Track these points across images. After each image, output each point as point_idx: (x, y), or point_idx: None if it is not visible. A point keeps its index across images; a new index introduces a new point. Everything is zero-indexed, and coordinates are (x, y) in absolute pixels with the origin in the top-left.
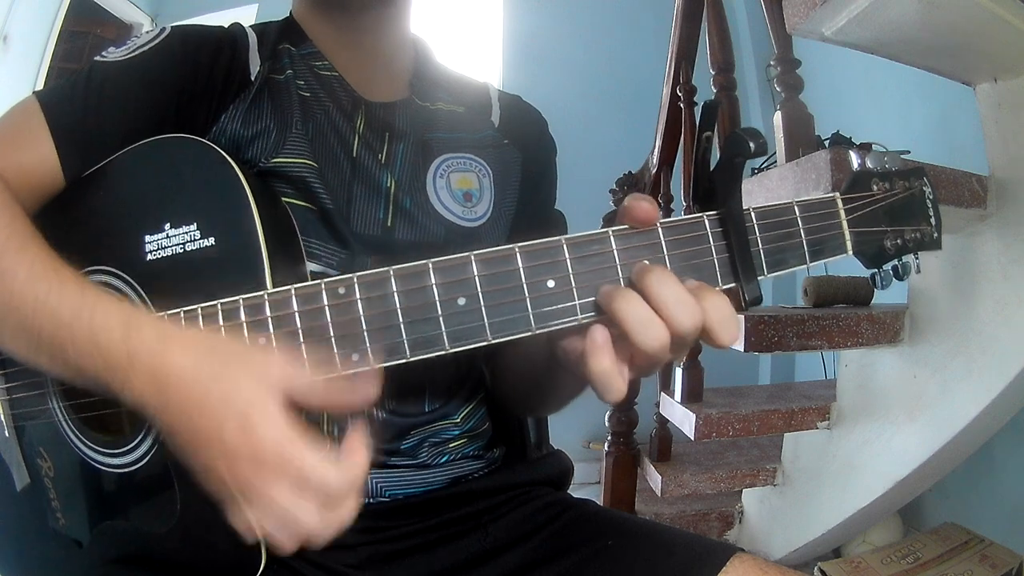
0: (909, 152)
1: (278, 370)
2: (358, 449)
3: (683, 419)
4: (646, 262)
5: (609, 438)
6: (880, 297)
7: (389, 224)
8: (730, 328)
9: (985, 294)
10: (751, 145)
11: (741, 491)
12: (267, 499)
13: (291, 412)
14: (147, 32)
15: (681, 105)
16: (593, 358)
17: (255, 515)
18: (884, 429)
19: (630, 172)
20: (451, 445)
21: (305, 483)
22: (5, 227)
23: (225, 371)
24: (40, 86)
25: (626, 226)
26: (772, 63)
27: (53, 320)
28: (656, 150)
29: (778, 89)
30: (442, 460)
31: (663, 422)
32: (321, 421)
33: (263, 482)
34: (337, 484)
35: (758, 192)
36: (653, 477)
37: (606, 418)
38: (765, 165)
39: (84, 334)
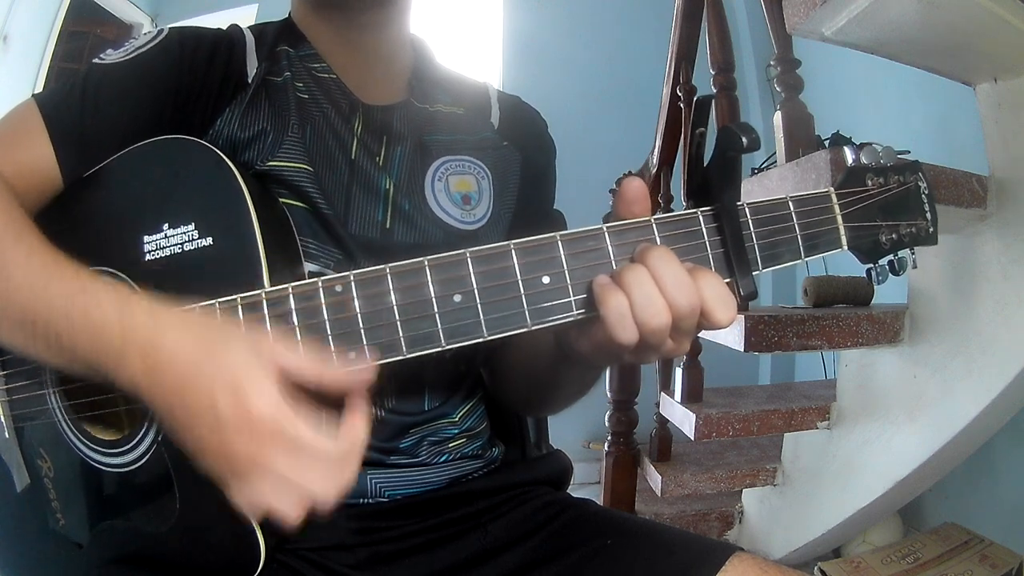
0: (909, 152)
1: (271, 346)
2: (356, 414)
3: (683, 419)
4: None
5: (609, 438)
6: (880, 297)
7: (388, 226)
8: (727, 306)
9: (985, 294)
10: (743, 140)
11: (741, 491)
12: (265, 468)
13: (286, 390)
14: (145, 34)
15: (681, 105)
16: (606, 295)
17: (255, 488)
18: (884, 429)
19: (630, 172)
20: (450, 444)
21: (301, 448)
22: (2, 219)
23: (218, 346)
24: (40, 86)
25: (620, 222)
26: (772, 63)
27: (49, 306)
28: (656, 150)
29: (778, 89)
30: (441, 459)
31: (663, 422)
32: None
33: (259, 450)
34: (332, 445)
35: (758, 192)
36: (653, 477)
37: (606, 418)
38: (765, 165)
39: (79, 318)
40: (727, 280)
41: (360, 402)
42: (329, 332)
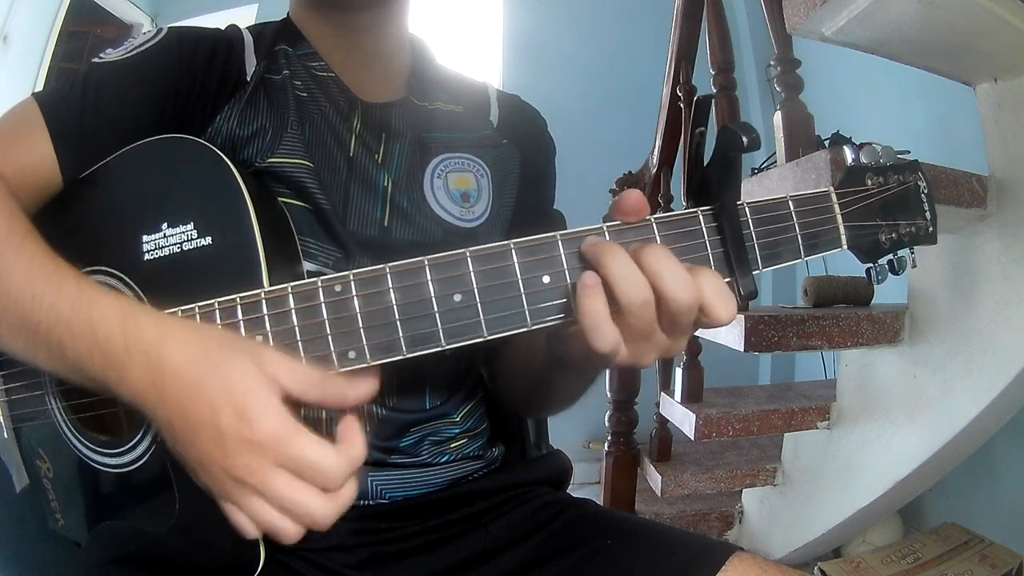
0: (909, 152)
1: (275, 362)
2: (354, 434)
3: (683, 419)
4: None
5: (609, 438)
6: (880, 297)
7: (386, 224)
8: (728, 302)
9: (985, 294)
10: (744, 139)
11: (741, 491)
12: (266, 486)
13: (289, 407)
14: (144, 33)
15: (681, 105)
16: (583, 299)
17: (254, 506)
18: (884, 429)
19: (630, 172)
20: (451, 445)
21: (303, 468)
22: (3, 224)
23: (222, 361)
24: (40, 86)
25: (620, 222)
26: (772, 63)
27: (51, 315)
28: (656, 150)
29: (778, 89)
30: (442, 460)
31: (663, 422)
32: (320, 422)
33: (260, 468)
34: (334, 467)
35: (758, 192)
36: (653, 477)
37: (606, 418)
38: (765, 165)
39: (82, 328)
40: (727, 280)
41: (355, 423)
42: (329, 332)
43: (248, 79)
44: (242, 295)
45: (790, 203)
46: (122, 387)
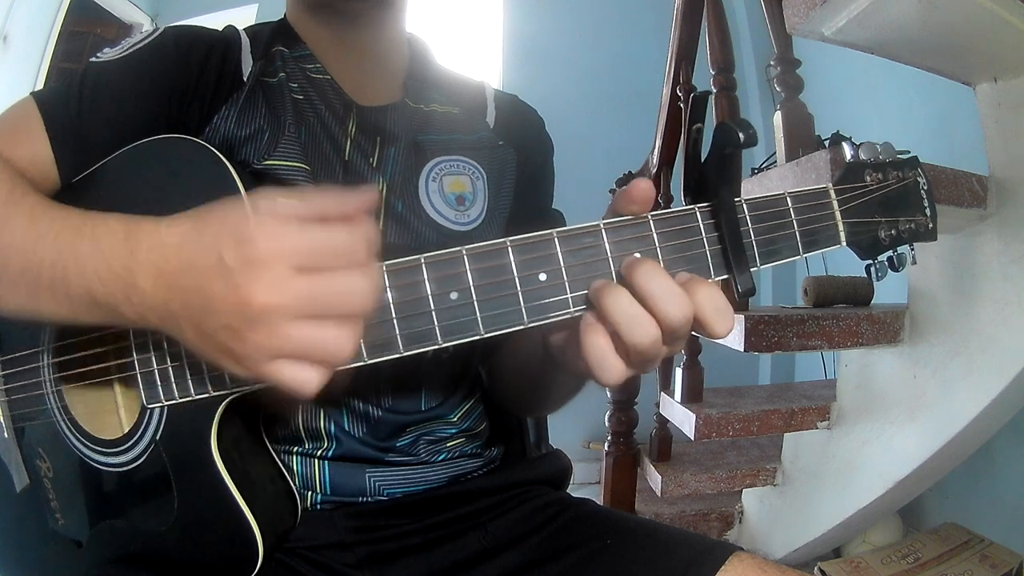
0: (909, 152)
1: (268, 197)
2: (360, 215)
3: (683, 419)
4: (637, 255)
5: (609, 438)
6: (880, 297)
7: (380, 227)
8: (724, 318)
9: (985, 294)
10: (740, 135)
11: (741, 491)
12: (284, 312)
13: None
14: (142, 32)
15: (681, 105)
16: (586, 337)
17: (275, 343)
18: (884, 429)
19: (630, 172)
20: (449, 444)
21: (317, 256)
22: (6, 182)
23: (214, 213)
24: (40, 86)
25: (617, 219)
26: (772, 63)
27: (55, 246)
28: (656, 150)
29: (778, 89)
30: (440, 458)
31: (663, 422)
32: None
33: (272, 292)
34: (348, 240)
35: (758, 191)
36: (653, 477)
37: (606, 418)
38: (765, 165)
39: (87, 247)
40: (724, 276)
41: (359, 201)
42: None
43: (245, 79)
44: None
45: (788, 200)
46: (132, 297)
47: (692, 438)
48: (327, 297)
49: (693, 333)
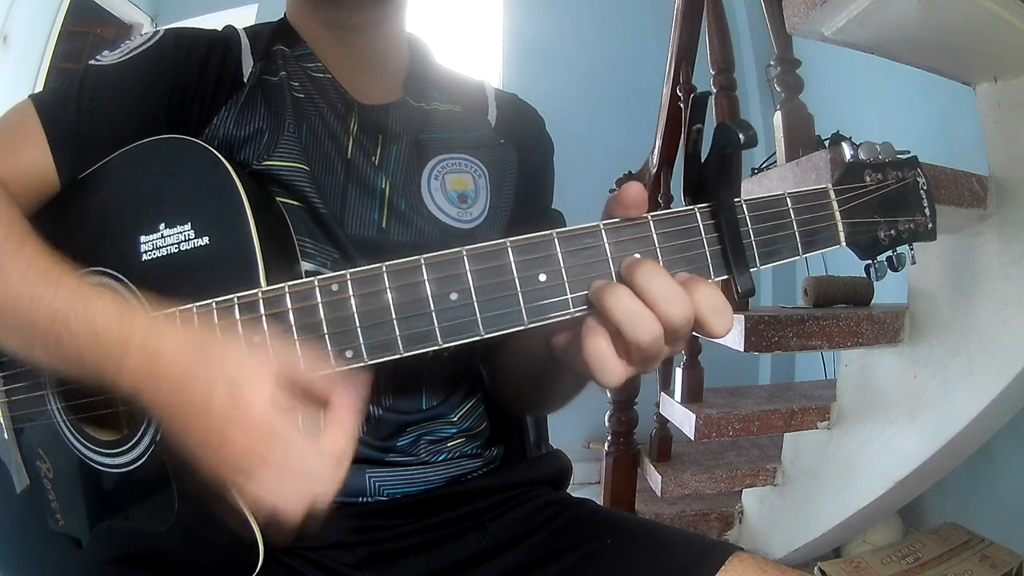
0: (909, 152)
1: (271, 352)
2: (338, 427)
3: (683, 419)
4: (637, 255)
5: (609, 438)
6: (880, 297)
7: (384, 226)
8: (723, 318)
9: (985, 294)
10: (740, 136)
11: (741, 491)
12: (263, 460)
13: (285, 390)
14: (141, 35)
15: (681, 105)
16: (588, 339)
17: (256, 482)
18: (884, 429)
19: (630, 172)
20: (449, 444)
21: (289, 459)
22: (2, 227)
23: (214, 346)
24: (40, 86)
25: (617, 219)
26: (772, 63)
27: (49, 313)
28: (656, 150)
29: (778, 89)
30: (440, 458)
31: (663, 422)
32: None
33: (255, 444)
34: (323, 453)
35: (758, 192)
36: (653, 477)
37: (606, 418)
38: (765, 165)
39: (80, 323)
40: (724, 277)
41: (351, 403)
42: (326, 331)
43: (245, 80)
44: (239, 294)
45: (788, 200)
46: (120, 379)
47: (692, 438)
48: (291, 477)
49: (693, 333)
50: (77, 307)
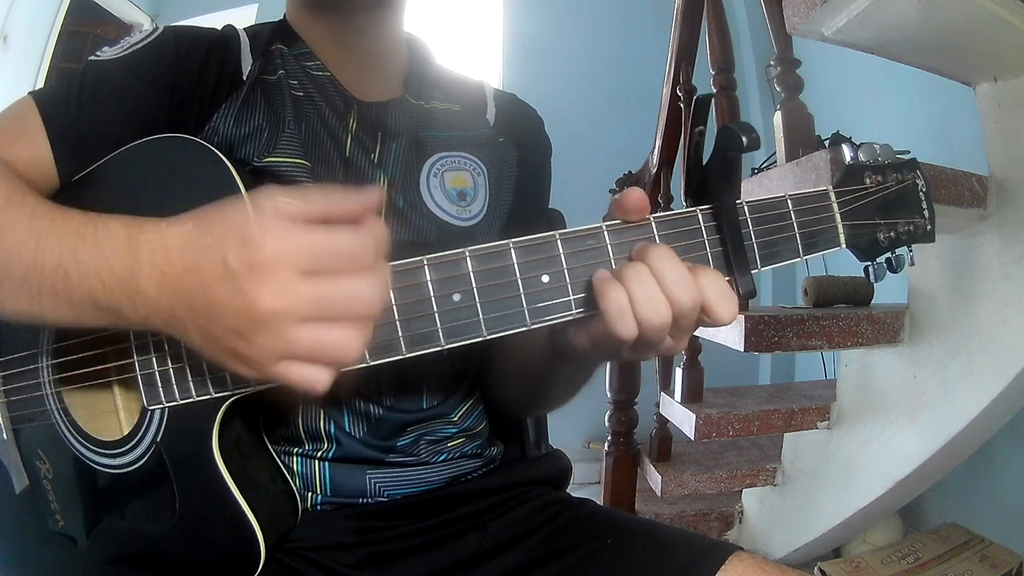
0: (909, 152)
1: (272, 197)
2: (368, 216)
3: (683, 419)
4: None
5: (609, 438)
6: (880, 297)
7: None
8: (729, 304)
9: (985, 294)
10: (743, 139)
11: (741, 491)
12: (290, 315)
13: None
14: (142, 32)
15: (681, 105)
16: (605, 288)
17: (284, 344)
18: (884, 429)
19: (630, 172)
20: (449, 444)
21: (323, 260)
22: (5, 184)
23: (217, 212)
24: (40, 86)
25: (619, 220)
26: (772, 63)
27: (56, 249)
28: (656, 150)
29: (778, 89)
30: (440, 458)
31: (663, 422)
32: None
33: (278, 295)
34: (356, 243)
35: (758, 192)
36: (653, 477)
37: (606, 418)
38: (765, 165)
39: (88, 251)
40: (726, 279)
41: (367, 201)
42: None
43: (244, 78)
44: None
45: (789, 202)
46: (136, 300)
47: (692, 438)
48: (334, 301)
49: (698, 326)
50: (84, 233)
